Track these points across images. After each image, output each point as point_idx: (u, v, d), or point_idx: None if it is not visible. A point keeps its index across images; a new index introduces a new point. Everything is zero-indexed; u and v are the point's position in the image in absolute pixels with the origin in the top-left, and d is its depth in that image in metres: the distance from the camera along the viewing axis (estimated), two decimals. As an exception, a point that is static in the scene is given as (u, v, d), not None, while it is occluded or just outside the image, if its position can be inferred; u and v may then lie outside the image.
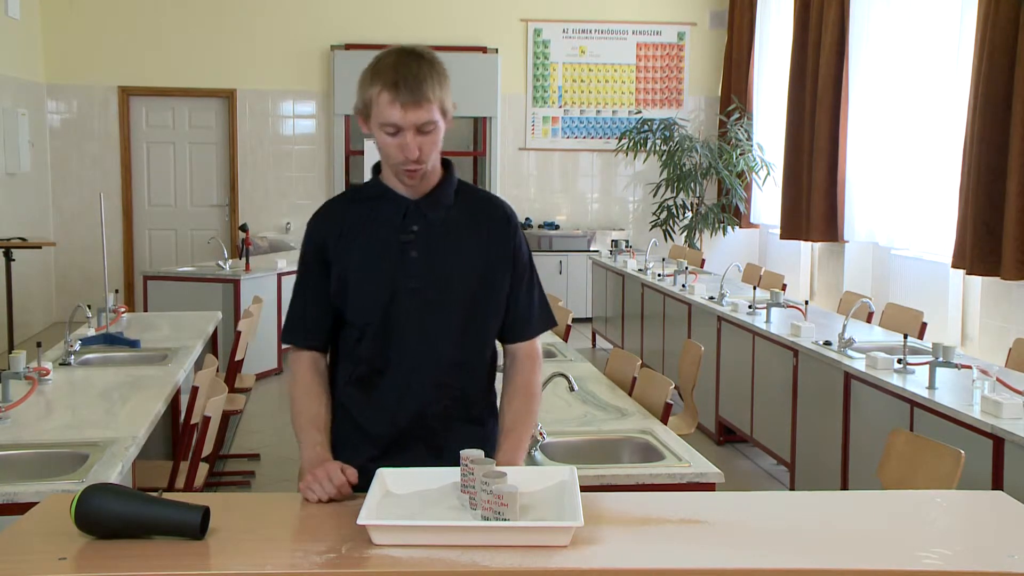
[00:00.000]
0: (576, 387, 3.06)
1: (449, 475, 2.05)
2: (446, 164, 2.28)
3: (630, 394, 3.93)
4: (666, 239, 9.99)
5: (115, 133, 10.07)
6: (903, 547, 1.89)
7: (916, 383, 4.01)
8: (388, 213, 2.23)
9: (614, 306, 8.48)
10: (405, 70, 2.10)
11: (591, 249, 10.18)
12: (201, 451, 3.65)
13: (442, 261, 2.21)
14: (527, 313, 2.32)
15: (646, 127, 9.95)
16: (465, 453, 1.97)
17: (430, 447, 2.24)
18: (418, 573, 1.75)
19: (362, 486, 2.11)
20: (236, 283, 7.16)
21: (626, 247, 9.22)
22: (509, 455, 2.20)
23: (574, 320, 5.92)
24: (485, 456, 1.98)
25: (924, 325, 5.32)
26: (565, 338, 5.33)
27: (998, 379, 3.67)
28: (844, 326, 4.69)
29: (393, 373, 2.22)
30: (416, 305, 2.20)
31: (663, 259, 8.16)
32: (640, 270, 7.90)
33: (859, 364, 4.39)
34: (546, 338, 5.13)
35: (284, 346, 2.37)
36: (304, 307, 2.29)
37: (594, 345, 9.10)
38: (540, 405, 2.38)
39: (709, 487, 2.88)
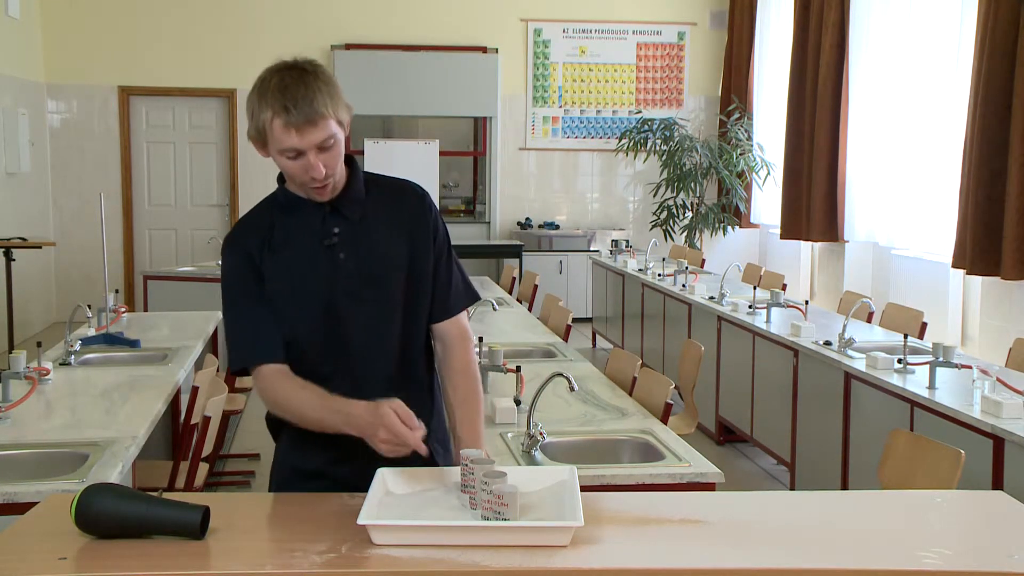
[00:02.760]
0: (576, 387, 3.05)
1: (449, 475, 2.05)
2: (348, 160, 2.22)
3: (630, 394, 3.92)
4: (666, 239, 9.99)
5: (115, 133, 10.07)
6: (903, 547, 1.89)
7: (916, 383, 4.01)
8: (306, 221, 2.19)
9: (614, 306, 8.48)
10: (294, 90, 2.03)
11: (591, 249, 10.18)
12: (201, 451, 3.65)
13: (371, 257, 2.19)
14: (448, 288, 2.29)
15: (646, 127, 9.95)
16: (465, 453, 1.97)
17: None
18: (418, 573, 1.75)
19: (328, 488, 2.12)
20: (236, 283, 7.14)
21: (626, 247, 9.21)
22: (471, 445, 2.16)
23: (574, 320, 5.92)
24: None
25: (924, 325, 5.32)
26: (565, 338, 5.32)
27: (998, 379, 3.67)
28: (844, 326, 4.69)
29: (342, 376, 2.18)
30: (355, 306, 2.17)
31: (663, 259, 8.16)
32: (640, 270, 7.90)
33: (859, 364, 4.39)
34: (546, 338, 5.13)
35: (238, 370, 2.26)
36: (251, 325, 2.20)
37: (594, 345, 9.10)
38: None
39: (709, 487, 2.87)
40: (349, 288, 2.17)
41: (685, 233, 10.02)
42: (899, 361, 4.21)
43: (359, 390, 2.19)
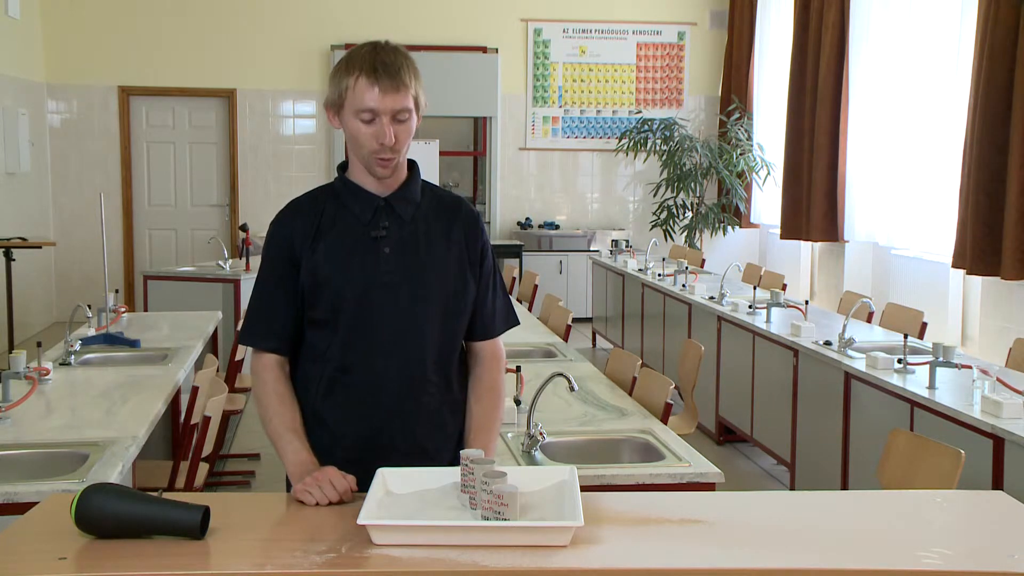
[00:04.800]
0: (576, 387, 3.05)
1: (449, 475, 2.04)
2: (410, 164, 2.30)
3: (630, 394, 3.92)
4: (666, 239, 9.99)
5: (115, 133, 10.07)
6: (903, 547, 1.89)
7: (916, 383, 4.01)
8: (358, 210, 2.23)
9: (614, 306, 8.48)
10: (383, 57, 2.13)
11: (591, 249, 10.18)
12: (201, 451, 3.65)
13: (414, 258, 2.22)
14: (492, 312, 2.35)
15: (646, 127, 9.95)
16: (465, 453, 1.97)
17: (407, 446, 2.22)
18: (418, 573, 1.75)
19: None
20: (236, 283, 7.15)
21: (626, 247, 9.21)
22: None
23: (574, 320, 5.91)
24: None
25: (924, 325, 5.32)
26: (565, 338, 5.32)
27: (998, 379, 3.67)
28: (844, 326, 4.69)
29: (366, 371, 2.21)
30: (389, 301, 2.20)
31: (663, 259, 8.16)
32: (640, 270, 7.90)
33: (859, 364, 4.39)
34: (546, 338, 5.13)
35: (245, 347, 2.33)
36: (269, 307, 2.25)
37: (594, 345, 9.10)
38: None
39: (709, 487, 2.88)
40: (386, 283, 2.20)
41: (685, 233, 10.02)
42: (899, 361, 4.21)
43: (380, 390, 2.21)
